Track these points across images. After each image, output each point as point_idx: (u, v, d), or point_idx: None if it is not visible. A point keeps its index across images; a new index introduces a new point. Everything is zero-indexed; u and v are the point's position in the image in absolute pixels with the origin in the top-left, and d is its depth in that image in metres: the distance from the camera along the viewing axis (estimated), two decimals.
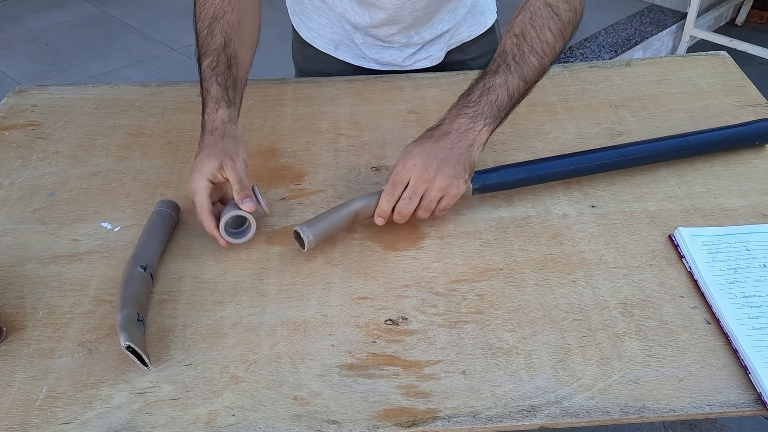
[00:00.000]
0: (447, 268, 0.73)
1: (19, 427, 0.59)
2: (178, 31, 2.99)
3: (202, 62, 0.79)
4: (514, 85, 0.75)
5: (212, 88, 0.77)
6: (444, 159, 0.72)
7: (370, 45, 1.02)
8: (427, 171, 0.71)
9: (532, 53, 0.75)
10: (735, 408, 0.59)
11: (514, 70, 0.75)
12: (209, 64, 0.78)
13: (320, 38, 1.06)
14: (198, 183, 0.72)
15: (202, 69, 0.79)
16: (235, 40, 0.80)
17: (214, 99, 0.76)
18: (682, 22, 2.79)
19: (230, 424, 0.59)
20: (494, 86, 0.74)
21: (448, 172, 0.72)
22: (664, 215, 0.79)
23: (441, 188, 0.72)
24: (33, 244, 0.78)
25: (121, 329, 0.62)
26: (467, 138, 0.73)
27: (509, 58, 0.75)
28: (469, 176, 0.74)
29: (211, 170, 0.72)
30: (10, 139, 0.95)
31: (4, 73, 2.67)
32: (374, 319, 0.68)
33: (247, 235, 0.75)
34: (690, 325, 0.66)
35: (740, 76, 1.03)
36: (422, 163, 0.72)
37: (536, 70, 0.76)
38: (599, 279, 0.71)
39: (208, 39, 0.79)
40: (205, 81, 0.78)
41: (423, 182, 0.72)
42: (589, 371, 0.62)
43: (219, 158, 0.72)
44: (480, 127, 0.74)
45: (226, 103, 0.76)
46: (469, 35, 1.06)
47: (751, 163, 0.86)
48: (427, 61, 1.05)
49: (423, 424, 0.58)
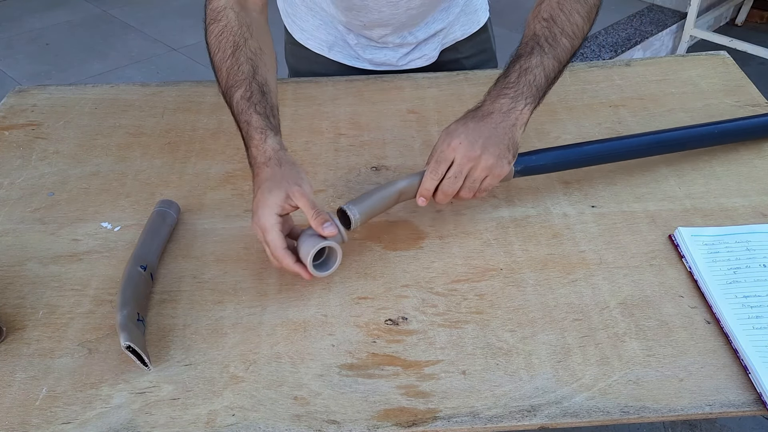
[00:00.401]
0: (447, 268, 0.73)
1: (19, 427, 0.59)
2: (178, 31, 2.99)
3: (233, 95, 0.74)
4: (550, 65, 0.74)
5: (253, 120, 0.72)
6: (488, 138, 0.71)
7: (364, 45, 1.02)
8: (473, 149, 0.70)
9: (563, 35, 0.75)
10: (735, 408, 0.59)
11: (548, 51, 0.75)
12: (242, 96, 0.73)
13: (313, 39, 1.05)
14: (267, 219, 0.66)
15: (235, 102, 0.74)
16: (261, 66, 0.76)
17: (258, 130, 0.71)
18: (682, 22, 2.79)
19: (230, 424, 0.59)
20: (531, 67, 0.74)
21: (493, 152, 0.71)
22: (664, 215, 0.79)
23: (486, 167, 0.71)
24: (33, 244, 0.78)
25: (121, 329, 0.62)
26: (510, 117, 0.72)
27: (542, 40, 0.75)
28: (513, 157, 0.73)
29: (277, 202, 0.67)
30: (10, 139, 0.95)
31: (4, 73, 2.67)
32: (374, 319, 0.68)
33: (335, 265, 0.69)
34: (690, 325, 0.66)
35: (740, 76, 1.03)
36: (467, 142, 0.71)
37: (568, 51, 0.76)
38: (599, 279, 0.71)
39: (234, 69, 0.74)
40: (243, 113, 0.73)
41: (469, 161, 0.71)
42: (589, 371, 0.62)
43: (283, 188, 0.67)
44: (522, 106, 0.73)
45: (272, 131, 0.72)
46: (463, 34, 1.07)
47: (751, 163, 0.86)
48: (421, 60, 1.05)
49: (423, 424, 0.58)
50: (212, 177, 0.87)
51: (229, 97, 0.75)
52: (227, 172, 0.88)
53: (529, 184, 0.84)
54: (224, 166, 0.89)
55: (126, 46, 2.89)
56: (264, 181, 0.68)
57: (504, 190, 0.83)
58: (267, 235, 0.67)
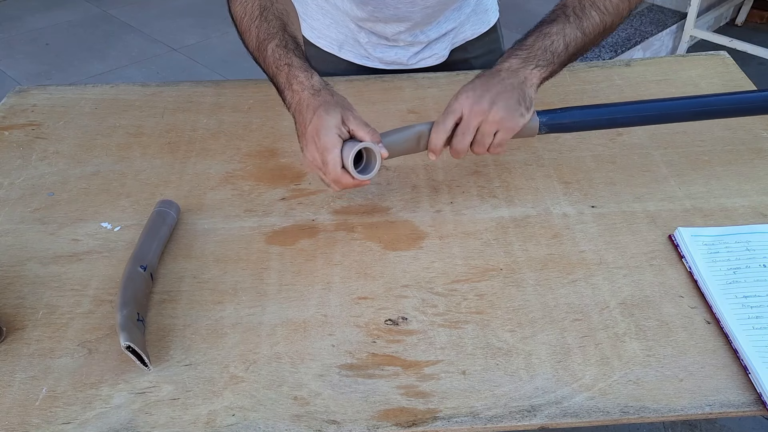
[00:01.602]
0: (447, 268, 0.73)
1: (19, 427, 0.59)
2: (178, 31, 2.99)
3: (266, 46, 0.74)
4: (572, 34, 0.73)
5: (294, 62, 0.72)
6: (498, 93, 0.71)
7: (375, 44, 1.02)
8: (480, 103, 0.70)
9: (593, 7, 0.74)
10: (735, 408, 0.59)
11: (573, 21, 0.74)
12: (278, 44, 0.73)
13: (324, 38, 1.06)
14: (330, 139, 0.67)
15: (270, 51, 0.73)
16: (289, 24, 0.77)
17: (303, 69, 0.71)
18: (682, 22, 2.79)
19: (230, 424, 0.59)
20: (551, 33, 0.73)
21: (502, 104, 0.70)
22: (664, 215, 0.79)
23: (496, 121, 0.70)
24: (33, 244, 0.78)
25: (121, 329, 0.62)
26: (518, 75, 0.72)
27: (569, 10, 0.75)
28: (525, 110, 0.72)
29: (336, 123, 0.67)
30: (10, 139, 0.95)
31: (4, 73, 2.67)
32: (374, 319, 0.68)
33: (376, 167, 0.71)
34: (690, 325, 0.66)
35: (740, 76, 1.03)
36: (475, 96, 0.71)
37: (597, 25, 0.75)
38: (599, 279, 0.71)
39: (264, 26, 0.75)
40: (282, 58, 0.72)
41: (476, 114, 0.70)
42: (589, 371, 0.62)
43: (339, 111, 0.68)
44: (532, 67, 0.72)
45: (314, 71, 0.72)
46: (473, 34, 1.07)
47: (751, 163, 0.86)
48: (431, 59, 1.05)
49: (423, 424, 0.58)
50: (212, 177, 0.87)
51: (263, 50, 0.74)
52: (227, 172, 0.88)
53: (529, 184, 0.84)
54: (224, 166, 0.89)
55: (126, 46, 2.89)
56: (320, 105, 0.69)
57: (504, 189, 0.83)
58: (328, 155, 0.67)
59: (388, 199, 0.82)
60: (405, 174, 0.86)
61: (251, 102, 1.01)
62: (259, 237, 0.78)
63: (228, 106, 1.01)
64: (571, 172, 0.86)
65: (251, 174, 0.88)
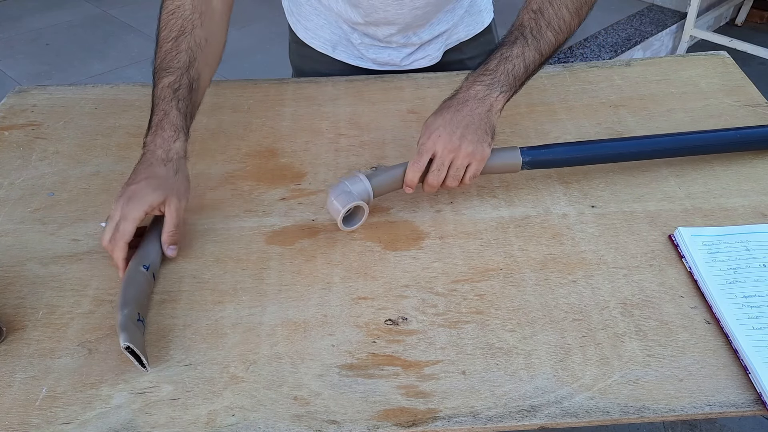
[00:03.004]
0: (447, 268, 0.73)
1: (19, 427, 0.59)
2: None
3: (161, 78, 0.76)
4: (531, 57, 0.76)
5: (172, 113, 0.74)
6: (466, 126, 0.74)
7: (368, 45, 1.02)
8: (452, 141, 0.73)
9: (549, 29, 0.77)
10: (735, 408, 0.59)
11: (531, 43, 0.77)
12: (171, 84, 0.75)
13: (318, 39, 1.06)
14: (133, 211, 0.69)
15: (161, 86, 0.75)
16: (200, 59, 0.78)
17: (173, 127, 0.73)
18: (682, 22, 2.79)
19: (230, 424, 0.59)
20: (511, 56, 0.76)
21: (471, 138, 0.73)
22: (664, 215, 0.79)
23: (467, 155, 0.74)
24: (33, 244, 0.78)
25: (121, 329, 0.62)
26: (485, 104, 0.75)
27: (527, 31, 0.77)
28: (491, 139, 0.75)
29: (152, 203, 0.70)
30: (10, 139, 0.95)
31: (4, 73, 2.67)
32: (374, 319, 0.68)
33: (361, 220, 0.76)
34: (690, 325, 0.66)
35: (740, 76, 1.03)
36: (446, 134, 0.74)
37: (552, 45, 0.78)
38: (599, 279, 0.71)
39: (171, 54, 0.77)
40: (164, 101, 0.75)
41: (449, 152, 0.74)
42: (589, 371, 0.62)
43: (165, 193, 0.70)
44: (497, 94, 0.75)
45: (185, 135, 0.74)
46: (467, 35, 1.07)
47: (751, 163, 0.86)
48: (424, 60, 1.05)
49: (423, 424, 0.58)
50: (212, 177, 0.87)
51: (158, 78, 0.76)
52: (227, 172, 0.88)
53: (529, 184, 0.84)
54: (224, 166, 0.89)
55: (126, 47, 2.89)
56: (153, 176, 0.71)
57: (504, 189, 0.83)
58: (122, 223, 0.69)
59: (388, 199, 0.82)
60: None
61: (251, 102, 1.01)
62: (259, 237, 0.78)
63: (228, 106, 1.01)
64: (571, 172, 0.86)
65: (251, 174, 0.88)
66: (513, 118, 0.96)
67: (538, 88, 1.02)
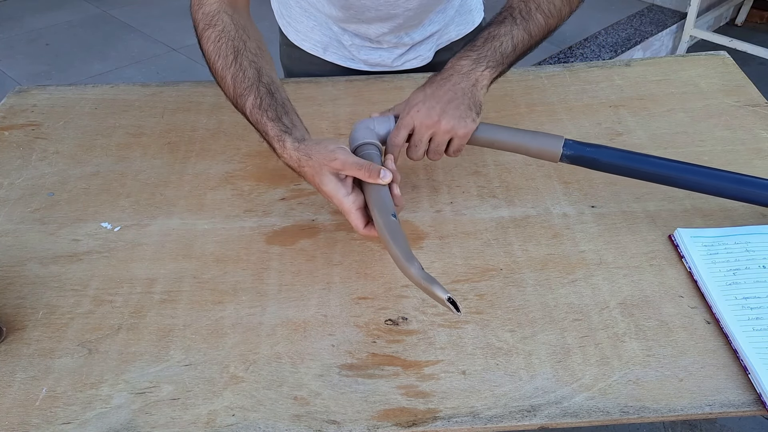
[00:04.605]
0: (447, 268, 0.73)
1: (19, 427, 0.59)
2: (178, 31, 2.99)
3: (244, 104, 0.74)
4: (519, 35, 0.76)
5: (268, 128, 0.72)
6: (448, 101, 0.73)
7: (359, 46, 1.02)
8: (430, 116, 0.72)
9: (538, 11, 0.77)
10: (735, 408, 0.59)
11: (520, 23, 0.76)
12: (253, 104, 0.73)
13: (308, 40, 1.05)
14: (344, 203, 0.68)
15: (248, 112, 0.74)
16: (264, 66, 0.76)
17: (276, 139, 0.71)
18: (682, 22, 2.79)
19: (230, 424, 0.59)
20: (499, 34, 0.76)
21: (452, 114, 0.72)
22: (664, 215, 0.79)
23: (447, 131, 0.73)
24: (33, 244, 0.78)
25: (432, 281, 0.59)
26: (470, 78, 0.74)
27: (515, 12, 0.77)
28: (476, 114, 0.74)
29: (336, 186, 0.68)
30: (10, 139, 0.95)
31: (4, 73, 2.67)
32: (374, 319, 0.68)
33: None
34: (690, 325, 0.66)
35: (740, 76, 1.03)
36: (425, 109, 0.73)
37: (542, 27, 0.77)
38: (599, 279, 0.71)
39: (239, 76, 0.74)
40: (258, 124, 0.73)
41: (427, 127, 0.73)
42: (589, 371, 0.62)
43: (327, 172, 0.68)
44: (482, 68, 0.74)
45: (287, 133, 0.72)
46: (458, 34, 1.07)
47: (751, 164, 0.86)
48: (416, 61, 1.05)
49: (423, 424, 0.58)
50: (212, 177, 0.87)
51: (241, 106, 0.75)
52: (227, 172, 0.88)
53: (529, 184, 0.84)
54: (224, 166, 0.89)
55: (126, 47, 2.89)
56: (313, 178, 0.69)
57: (504, 189, 0.83)
58: (349, 217, 0.68)
59: None
60: (405, 174, 0.86)
61: None
62: (259, 237, 0.78)
63: (228, 106, 0.99)
64: (571, 172, 0.86)
65: (251, 174, 0.88)
66: (513, 118, 0.96)
67: (538, 88, 1.02)
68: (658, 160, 0.76)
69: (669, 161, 0.76)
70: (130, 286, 0.72)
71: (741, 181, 0.75)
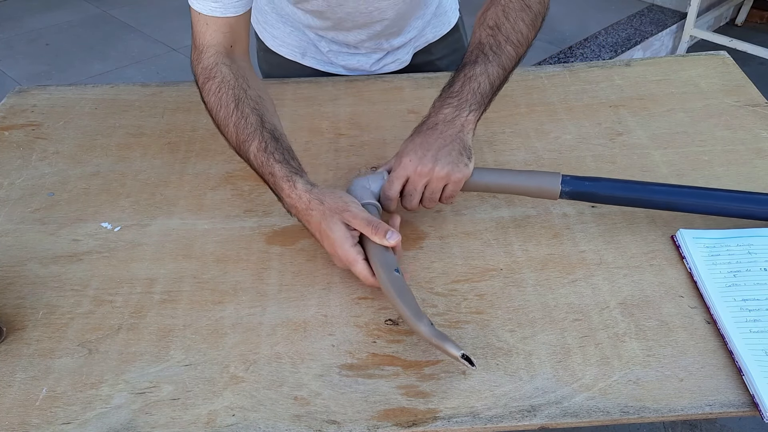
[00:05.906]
0: (447, 268, 0.73)
1: (19, 427, 0.59)
2: (178, 31, 2.99)
3: (248, 149, 0.73)
4: (494, 72, 0.76)
5: (276, 170, 0.71)
6: (439, 148, 0.72)
7: (336, 52, 1.02)
8: (424, 163, 0.72)
9: (508, 43, 0.77)
10: (735, 408, 0.59)
11: (493, 59, 0.76)
12: (258, 148, 0.72)
13: (285, 46, 1.05)
14: (349, 253, 0.67)
15: (252, 156, 0.73)
16: (266, 113, 0.76)
17: (284, 179, 0.70)
18: (682, 22, 2.79)
19: (230, 424, 0.59)
20: (475, 75, 0.75)
21: (446, 160, 0.72)
22: (665, 215, 0.79)
23: (442, 177, 0.72)
24: (33, 244, 0.78)
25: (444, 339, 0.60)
26: (455, 125, 0.74)
27: (486, 48, 0.76)
28: (468, 159, 0.74)
29: (345, 236, 0.67)
30: (10, 139, 0.95)
31: (4, 73, 2.67)
32: (374, 319, 0.68)
33: None
34: (690, 325, 0.66)
35: (740, 76, 1.03)
36: (417, 157, 0.72)
37: (513, 58, 0.77)
38: (599, 279, 0.71)
39: (241, 123, 0.74)
40: (263, 166, 0.72)
41: (422, 175, 0.72)
42: (589, 371, 0.62)
43: (338, 221, 0.68)
44: (466, 114, 0.74)
45: (297, 175, 0.71)
46: (434, 36, 1.07)
47: (751, 163, 0.86)
48: (394, 65, 1.06)
49: (423, 424, 0.58)
50: (212, 177, 0.87)
51: (245, 152, 0.74)
52: (227, 172, 0.88)
53: None
54: (224, 166, 0.89)
55: (126, 47, 2.89)
56: (319, 224, 0.69)
57: None
58: (355, 268, 0.67)
59: None
60: None
61: None
62: (260, 237, 0.78)
63: None
64: (571, 172, 0.85)
65: (251, 174, 0.87)
66: (513, 118, 0.96)
67: (538, 88, 1.02)
68: (658, 187, 0.75)
69: (668, 187, 0.76)
70: (130, 286, 0.72)
71: (743, 200, 0.74)
